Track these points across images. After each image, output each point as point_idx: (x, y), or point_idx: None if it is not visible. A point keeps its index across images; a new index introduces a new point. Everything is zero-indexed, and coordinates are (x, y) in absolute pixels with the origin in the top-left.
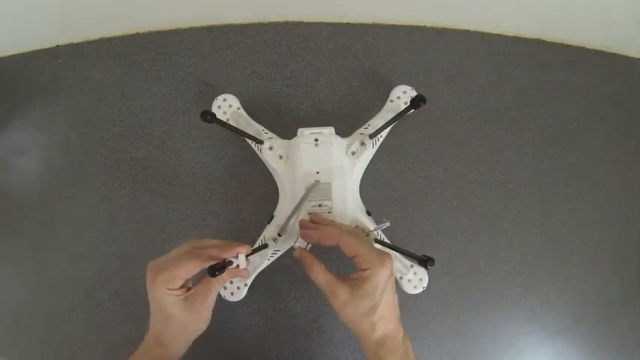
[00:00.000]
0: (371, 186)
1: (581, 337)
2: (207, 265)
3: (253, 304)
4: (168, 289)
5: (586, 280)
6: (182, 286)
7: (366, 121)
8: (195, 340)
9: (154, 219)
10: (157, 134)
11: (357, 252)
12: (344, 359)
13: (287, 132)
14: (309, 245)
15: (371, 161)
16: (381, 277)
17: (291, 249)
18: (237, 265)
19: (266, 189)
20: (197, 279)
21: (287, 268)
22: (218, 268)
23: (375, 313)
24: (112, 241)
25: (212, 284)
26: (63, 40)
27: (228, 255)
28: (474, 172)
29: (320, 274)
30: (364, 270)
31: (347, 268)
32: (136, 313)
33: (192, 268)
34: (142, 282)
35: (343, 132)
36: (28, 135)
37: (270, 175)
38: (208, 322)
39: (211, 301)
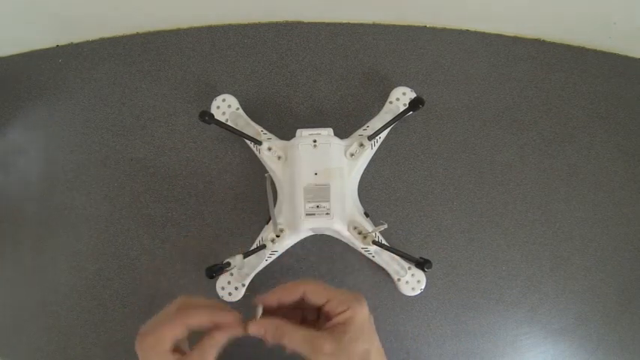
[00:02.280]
0: (371, 186)
1: (581, 337)
2: (194, 326)
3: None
4: (156, 351)
5: (586, 280)
6: (175, 350)
7: (366, 121)
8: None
9: (154, 219)
10: (157, 134)
11: (329, 296)
12: None
13: (286, 132)
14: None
15: (370, 161)
16: (364, 315)
17: (291, 249)
18: (230, 264)
19: (265, 189)
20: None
21: (286, 268)
22: (216, 270)
23: (369, 355)
24: (112, 241)
25: (206, 350)
26: (63, 40)
27: (216, 319)
28: (474, 172)
29: (295, 333)
30: (343, 312)
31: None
32: (136, 313)
33: (177, 330)
34: (141, 282)
35: (343, 132)
36: (28, 135)
37: None
38: None
39: None
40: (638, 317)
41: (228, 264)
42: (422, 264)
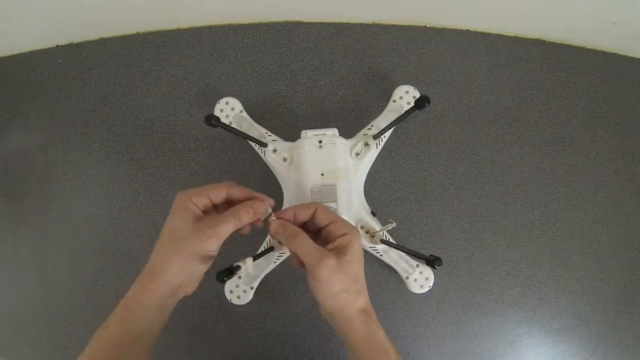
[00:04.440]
0: (371, 186)
1: (580, 337)
2: (235, 195)
3: (254, 305)
4: (193, 202)
5: (586, 280)
6: (205, 213)
7: (367, 120)
8: (196, 339)
9: (154, 219)
10: (157, 134)
11: (334, 218)
12: (344, 359)
13: (287, 132)
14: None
15: None
16: (359, 242)
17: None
18: (240, 267)
19: (267, 189)
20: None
21: (287, 268)
22: (227, 274)
23: (359, 279)
24: (112, 241)
25: (227, 219)
26: (63, 40)
27: (255, 195)
28: (474, 172)
29: (307, 241)
30: (343, 236)
31: None
32: None
33: (220, 192)
34: None
35: (344, 131)
36: (28, 135)
37: (271, 175)
38: (207, 262)
39: (223, 230)
40: (638, 317)
41: (239, 267)
42: (432, 261)
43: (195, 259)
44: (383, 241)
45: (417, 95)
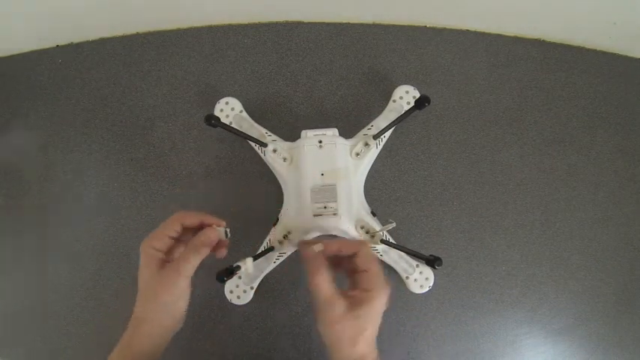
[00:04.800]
0: (371, 186)
1: (580, 337)
2: (188, 222)
3: (253, 304)
4: (154, 248)
5: (586, 280)
6: (168, 254)
7: (367, 120)
8: (196, 339)
9: (154, 219)
10: (157, 134)
11: (371, 268)
12: None
13: (287, 132)
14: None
15: None
16: (381, 303)
17: (298, 251)
18: (240, 267)
19: (267, 189)
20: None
21: (287, 268)
22: (227, 274)
23: (361, 335)
24: (112, 241)
25: (186, 256)
26: (63, 40)
27: (208, 221)
28: (474, 172)
29: (325, 283)
30: (368, 291)
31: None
32: None
33: (174, 225)
34: None
35: (344, 131)
36: (28, 135)
37: (271, 174)
38: (184, 298)
39: (187, 269)
40: (638, 317)
41: (239, 267)
42: (432, 261)
43: (171, 301)
44: (383, 241)
45: (417, 95)
